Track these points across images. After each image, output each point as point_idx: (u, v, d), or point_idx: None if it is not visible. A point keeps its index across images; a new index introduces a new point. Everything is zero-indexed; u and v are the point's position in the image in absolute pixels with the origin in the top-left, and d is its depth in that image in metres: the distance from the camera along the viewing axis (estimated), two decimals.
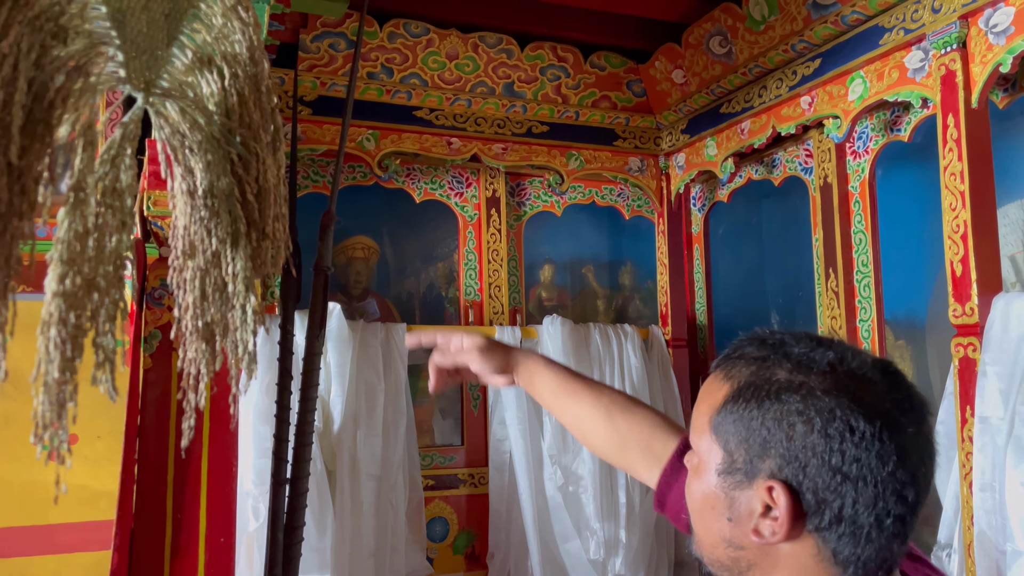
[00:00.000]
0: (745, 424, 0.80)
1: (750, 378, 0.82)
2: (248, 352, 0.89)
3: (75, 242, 0.72)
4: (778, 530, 0.78)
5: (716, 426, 0.83)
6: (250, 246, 0.90)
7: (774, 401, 0.79)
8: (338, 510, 3.01)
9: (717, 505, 0.83)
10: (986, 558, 2.17)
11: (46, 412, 0.70)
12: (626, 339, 3.66)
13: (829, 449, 0.76)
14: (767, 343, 0.84)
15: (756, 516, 0.79)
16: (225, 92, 0.90)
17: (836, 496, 0.76)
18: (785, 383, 0.79)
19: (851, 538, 0.77)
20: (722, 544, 0.83)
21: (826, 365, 0.79)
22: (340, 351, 3.15)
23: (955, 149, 2.31)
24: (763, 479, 0.79)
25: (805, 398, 0.77)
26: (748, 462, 0.80)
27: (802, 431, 0.77)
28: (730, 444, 0.81)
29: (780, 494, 0.77)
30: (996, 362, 2.17)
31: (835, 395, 0.77)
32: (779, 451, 0.78)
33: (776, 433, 0.78)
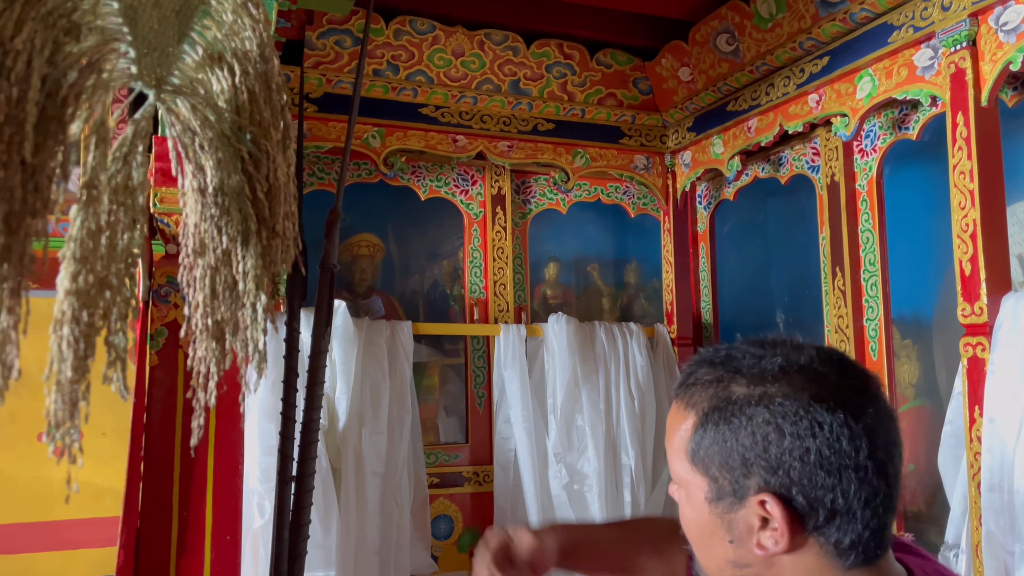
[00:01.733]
0: (720, 447, 0.82)
1: (711, 402, 0.84)
2: (259, 351, 0.89)
3: (88, 240, 0.72)
4: (780, 540, 0.80)
5: (692, 456, 0.85)
6: (260, 244, 0.90)
7: (740, 417, 0.81)
8: (343, 508, 3.01)
9: (716, 531, 0.84)
10: (994, 559, 2.16)
11: (59, 411, 0.70)
12: (631, 338, 3.65)
13: (804, 449, 0.78)
14: (715, 363, 0.86)
15: (756, 531, 0.81)
16: (236, 89, 0.89)
17: (824, 491, 0.78)
18: (745, 398, 0.82)
19: (848, 526, 0.79)
20: (728, 566, 0.85)
21: (777, 370, 0.82)
22: (345, 349, 3.14)
23: (964, 148, 2.30)
24: (753, 495, 0.81)
25: (768, 407, 0.80)
26: (734, 483, 0.82)
27: (775, 439, 0.79)
28: (712, 471, 0.83)
29: (773, 505, 0.79)
30: (1005, 362, 2.15)
31: (794, 397, 0.79)
32: (760, 464, 0.80)
33: (752, 448, 0.80)
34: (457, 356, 3.74)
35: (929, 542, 2.72)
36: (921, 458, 2.87)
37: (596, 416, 3.48)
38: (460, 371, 3.72)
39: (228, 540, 2.11)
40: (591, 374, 3.52)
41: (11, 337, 0.66)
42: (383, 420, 3.19)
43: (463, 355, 3.72)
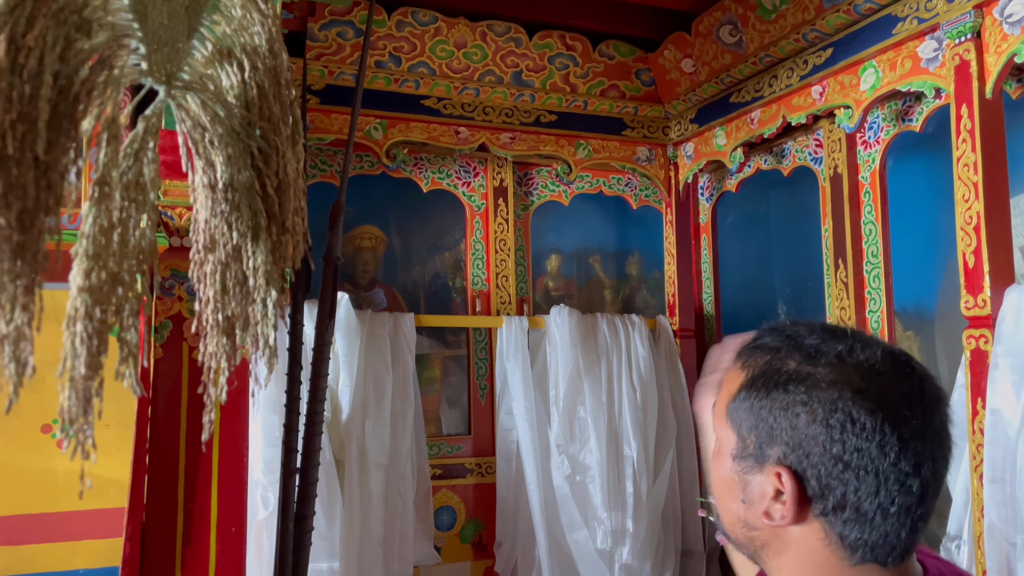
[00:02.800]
0: (755, 412, 0.84)
1: (763, 368, 0.86)
2: (269, 346, 0.89)
3: (100, 236, 0.72)
4: (786, 513, 0.81)
5: (731, 413, 0.87)
6: (270, 240, 0.90)
7: (781, 391, 0.82)
8: (347, 500, 3.02)
9: (733, 488, 0.87)
10: (996, 550, 2.17)
11: (72, 407, 0.70)
12: (633, 329, 3.65)
13: (830, 439, 0.79)
14: (783, 334, 0.88)
15: (767, 499, 0.83)
16: (245, 85, 0.89)
17: (839, 483, 0.79)
18: (793, 373, 0.83)
19: (856, 523, 0.79)
20: (738, 524, 0.88)
21: (834, 357, 0.82)
22: (348, 341, 3.15)
23: (968, 140, 2.30)
24: (772, 464, 0.82)
25: (810, 389, 0.81)
26: (758, 448, 0.84)
27: (805, 420, 0.80)
28: (742, 430, 0.86)
29: (786, 479, 0.80)
30: (1008, 354, 2.16)
31: (839, 386, 0.80)
32: (784, 439, 0.81)
33: (781, 421, 0.82)
34: (459, 348, 3.74)
35: (931, 534, 2.73)
36: None
37: (598, 407, 3.48)
38: (462, 363, 3.73)
39: (233, 532, 2.11)
40: (593, 366, 3.53)
41: (25, 334, 0.67)
42: (386, 412, 3.20)
43: (465, 347, 3.73)
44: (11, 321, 0.65)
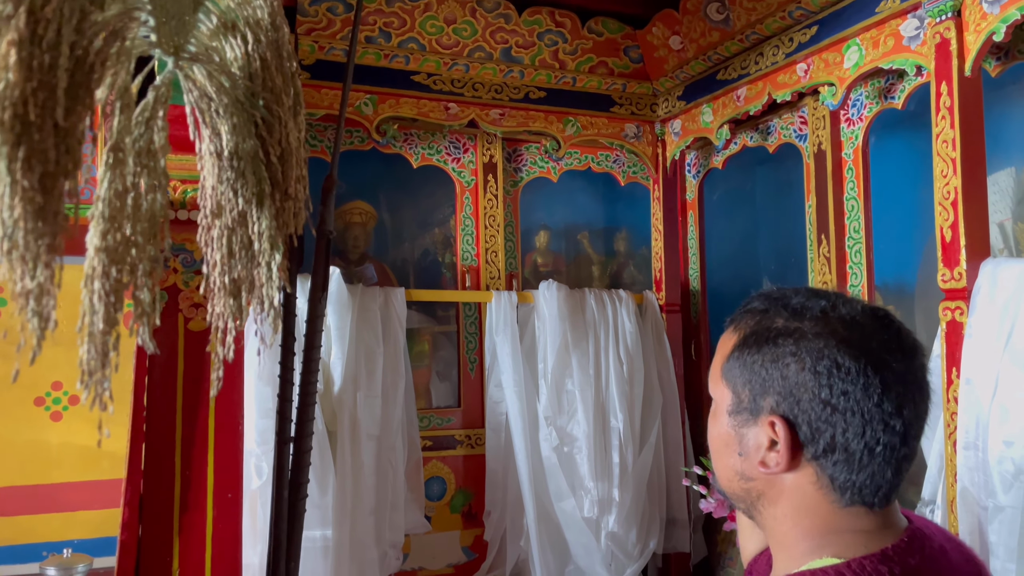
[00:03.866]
0: (748, 367, 0.90)
1: (754, 327, 0.93)
2: (274, 307, 0.94)
3: (115, 200, 0.76)
4: (780, 460, 0.87)
5: (726, 372, 0.94)
6: (274, 206, 0.94)
7: (772, 345, 0.89)
8: (339, 469, 3.07)
9: (730, 443, 0.93)
10: (968, 513, 2.25)
11: (91, 360, 0.74)
12: (620, 304, 3.71)
13: (818, 384, 0.85)
14: (771, 297, 0.95)
15: (762, 450, 0.89)
16: (248, 57, 0.93)
17: (827, 426, 0.85)
18: (782, 329, 0.89)
19: (845, 464, 0.86)
20: (736, 477, 0.94)
21: (819, 312, 0.89)
22: (340, 315, 3.19)
23: (948, 117, 2.35)
24: (765, 415, 0.88)
25: (797, 341, 0.87)
26: (752, 401, 0.90)
27: (795, 370, 0.86)
28: (737, 386, 0.92)
29: (780, 427, 0.87)
30: (982, 325, 2.23)
31: (824, 337, 0.86)
32: (776, 389, 0.88)
33: (773, 373, 0.88)
34: (449, 323, 3.79)
35: (907, 500, 2.82)
36: None
37: (586, 380, 3.55)
38: (452, 337, 3.78)
39: (230, 498, 2.17)
40: (581, 340, 3.59)
41: (48, 289, 0.71)
42: (377, 384, 3.25)
43: (455, 322, 3.78)
44: (35, 277, 0.69)
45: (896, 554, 0.85)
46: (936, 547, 0.90)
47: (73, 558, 2.85)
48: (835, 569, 0.84)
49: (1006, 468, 2.15)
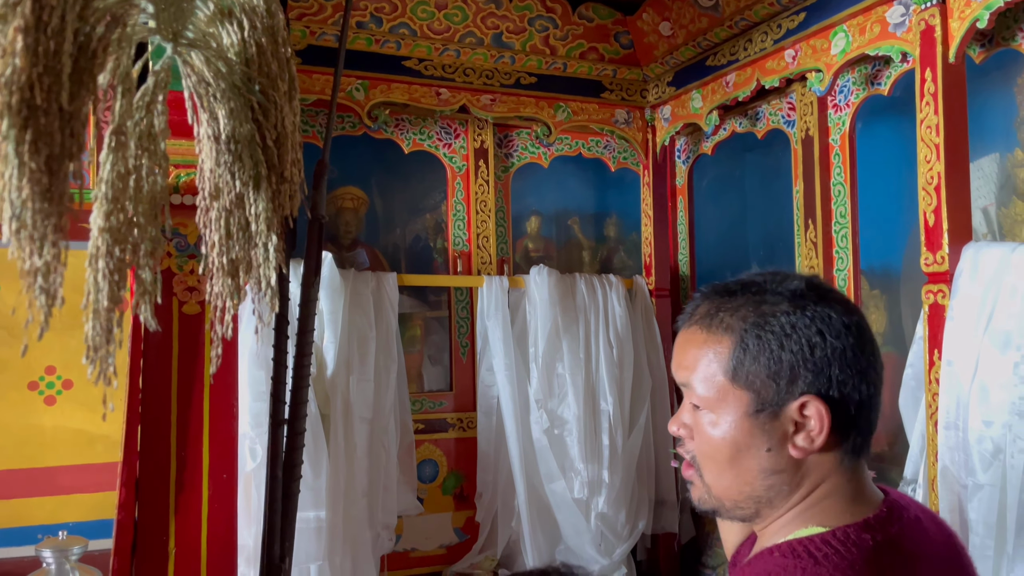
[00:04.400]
0: (767, 358, 0.90)
1: (750, 320, 0.91)
2: (271, 287, 0.97)
3: (118, 182, 0.79)
4: (816, 438, 0.89)
5: (734, 374, 0.91)
6: (270, 188, 0.97)
7: (785, 327, 0.89)
8: (332, 452, 3.11)
9: (753, 444, 0.91)
10: (948, 492, 2.30)
11: (96, 336, 0.77)
12: (611, 289, 3.75)
13: (841, 348, 0.88)
14: (735, 292, 0.94)
15: (790, 436, 0.90)
16: (245, 43, 0.95)
17: (852, 389, 0.89)
18: (785, 311, 0.90)
19: (863, 421, 0.91)
20: (759, 477, 0.92)
21: (803, 286, 0.92)
22: (332, 299, 3.22)
23: (932, 103, 2.39)
24: (795, 401, 0.89)
25: (806, 314, 0.89)
26: (778, 391, 0.89)
27: (819, 342, 0.88)
28: (759, 384, 0.90)
29: (817, 405, 0.88)
30: (963, 308, 2.27)
31: (823, 304, 0.90)
32: (807, 367, 0.88)
33: (800, 353, 0.89)
34: (441, 307, 3.82)
35: (890, 480, 2.88)
36: (887, 402, 3.00)
37: (576, 364, 3.59)
38: (444, 322, 3.81)
39: (225, 478, 2.20)
40: (571, 324, 3.63)
41: (55, 267, 0.74)
42: (370, 368, 3.28)
43: (447, 307, 3.81)
44: (42, 256, 0.72)
45: (877, 523, 0.89)
46: (912, 517, 0.93)
47: (68, 540, 2.87)
48: (821, 537, 0.87)
49: (985, 447, 2.20)
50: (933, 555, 0.93)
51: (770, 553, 0.90)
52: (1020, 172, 2.57)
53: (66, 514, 3.56)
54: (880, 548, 0.86)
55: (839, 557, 0.84)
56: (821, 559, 0.85)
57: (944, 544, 0.96)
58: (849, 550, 0.85)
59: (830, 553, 0.85)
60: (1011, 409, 2.15)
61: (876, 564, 0.85)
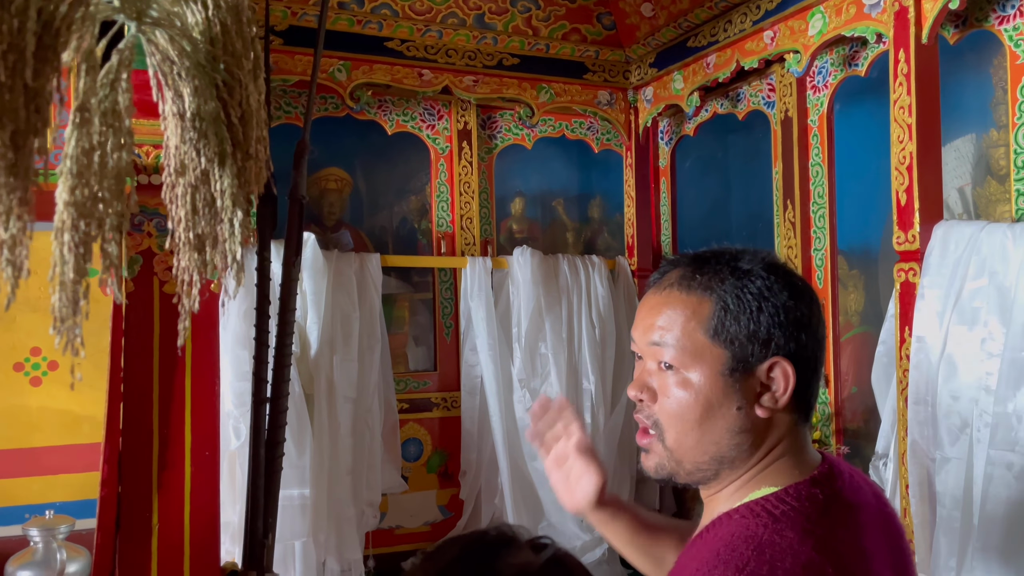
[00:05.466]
0: (748, 318, 0.94)
1: (730, 282, 0.96)
2: (236, 261, 0.99)
3: (82, 157, 0.81)
4: (781, 398, 0.94)
5: (715, 332, 0.95)
6: (236, 165, 0.99)
7: (763, 291, 0.94)
8: (316, 430, 3.14)
9: (725, 402, 0.95)
10: (918, 465, 2.36)
11: (63, 308, 0.80)
12: (593, 269, 3.78)
13: (807, 314, 0.95)
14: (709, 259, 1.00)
15: (757, 395, 0.95)
16: (209, 22, 0.97)
17: (812, 354, 0.95)
18: (764, 277, 0.95)
19: (815, 384, 0.98)
20: (727, 436, 0.95)
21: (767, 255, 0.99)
22: (315, 280, 3.24)
23: (905, 83, 2.42)
24: (766, 361, 0.94)
25: (780, 282, 0.95)
26: (752, 353, 0.94)
27: (792, 306, 0.94)
28: (736, 344, 0.94)
29: (785, 366, 0.94)
30: (933, 285, 2.32)
31: (791, 274, 0.97)
32: (782, 331, 0.94)
33: (776, 316, 0.94)
34: (426, 289, 3.85)
35: (864, 456, 2.93)
36: (864, 381, 3.06)
37: (559, 344, 3.63)
38: (428, 303, 3.84)
39: (207, 456, 2.23)
40: (554, 304, 3.66)
41: (21, 240, 0.76)
42: (354, 348, 3.31)
43: (431, 288, 3.83)
44: (8, 229, 0.75)
45: (823, 478, 0.95)
46: (846, 474, 1.00)
47: (55, 520, 2.90)
48: (775, 495, 0.92)
49: (953, 421, 2.26)
50: (867, 504, 0.99)
51: (728, 517, 0.94)
52: (995, 152, 2.60)
53: (53, 494, 3.58)
54: (829, 500, 0.92)
55: (795, 512, 0.90)
56: (779, 515, 0.90)
57: (873, 496, 1.02)
58: (803, 504, 0.90)
59: (787, 509, 0.90)
60: (978, 384, 2.20)
61: (828, 515, 0.91)
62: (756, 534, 0.87)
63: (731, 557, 0.85)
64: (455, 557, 0.80)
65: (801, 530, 0.87)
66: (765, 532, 0.87)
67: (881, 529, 0.98)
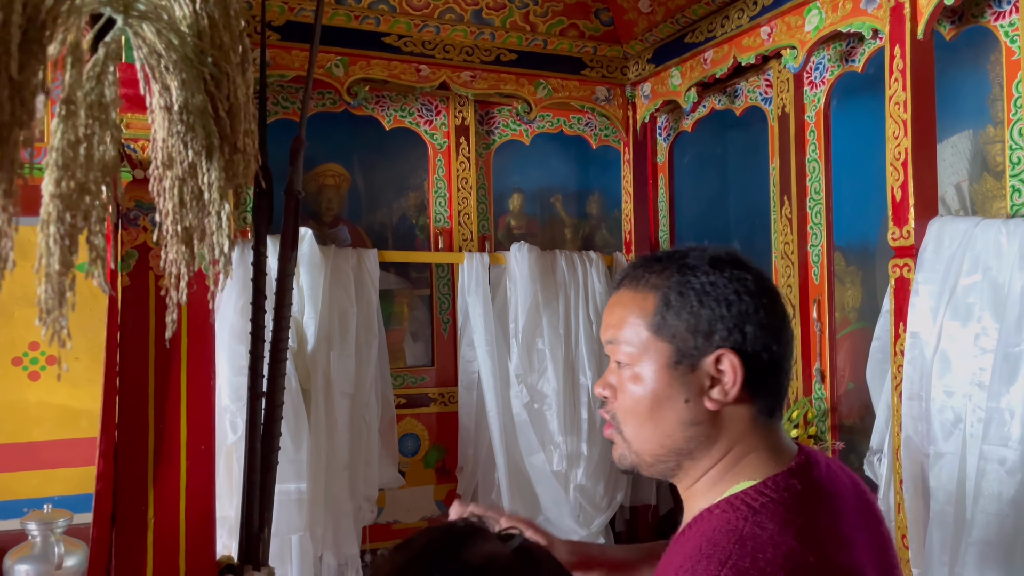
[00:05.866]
0: (689, 313, 0.96)
1: (674, 279, 0.98)
2: (224, 254, 1.00)
3: (68, 150, 0.82)
4: (730, 390, 0.95)
5: (658, 327, 0.97)
6: (223, 158, 1.00)
7: (705, 286, 0.96)
8: (313, 425, 3.15)
9: (672, 395, 0.97)
10: (911, 461, 2.36)
11: (49, 299, 0.80)
12: (591, 265, 3.79)
13: (755, 308, 0.95)
14: (661, 259, 1.02)
15: (706, 389, 0.96)
16: (196, 15, 0.98)
17: (764, 349, 0.95)
18: (705, 272, 0.97)
19: (775, 380, 0.97)
20: (678, 429, 0.98)
21: (722, 253, 0.99)
22: (312, 275, 3.24)
23: (900, 79, 2.42)
24: (711, 355, 0.95)
25: (725, 275, 0.96)
26: (696, 347, 0.96)
27: (735, 300, 0.95)
28: (677, 338, 0.96)
29: (731, 358, 0.94)
30: (928, 281, 2.32)
31: (741, 269, 0.97)
32: (723, 323, 0.95)
33: (717, 309, 0.95)
34: (423, 284, 3.86)
35: (860, 452, 2.94)
36: (861, 377, 3.07)
37: (556, 339, 3.64)
38: (426, 299, 3.85)
39: (203, 450, 2.24)
40: (551, 300, 3.67)
41: (5, 231, 0.77)
42: (351, 343, 3.32)
43: (429, 284, 3.84)
44: None
45: (800, 469, 0.96)
46: (824, 463, 1.00)
47: (53, 514, 2.92)
48: (754, 488, 0.93)
49: (946, 416, 2.26)
50: (846, 494, 1.00)
51: (709, 513, 0.95)
52: (991, 148, 2.60)
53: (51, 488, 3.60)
54: (807, 490, 0.93)
55: (774, 503, 0.91)
56: (759, 508, 0.91)
57: (851, 484, 1.04)
58: (782, 495, 0.91)
59: (766, 501, 0.91)
60: (971, 380, 2.20)
61: (807, 504, 0.92)
62: (737, 527, 0.88)
63: (713, 552, 0.86)
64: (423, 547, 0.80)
65: (781, 520, 0.88)
66: (746, 525, 0.88)
67: (860, 516, 0.99)
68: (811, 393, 3.19)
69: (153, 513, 2.16)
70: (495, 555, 0.80)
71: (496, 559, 0.80)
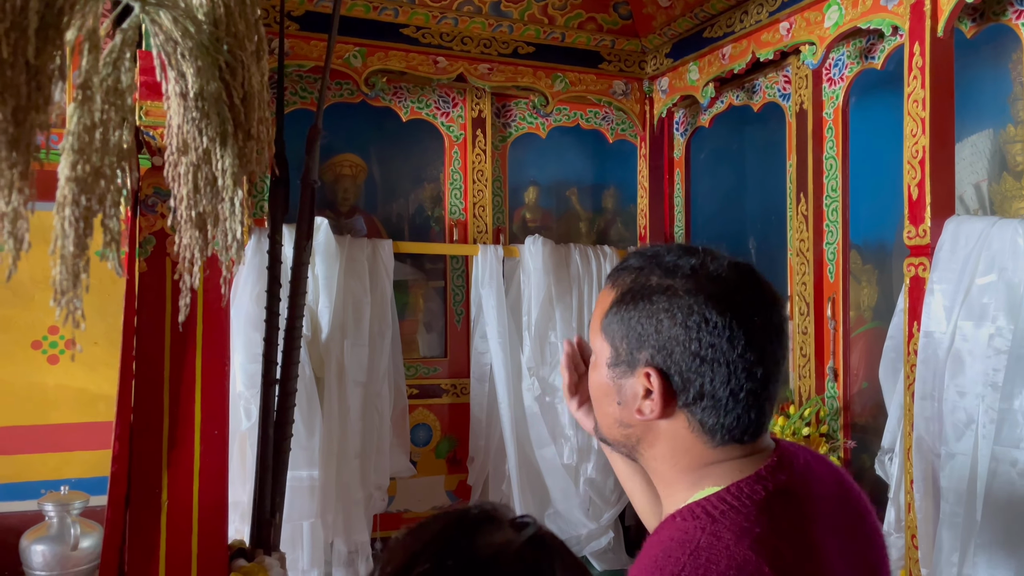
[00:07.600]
0: (626, 323, 0.95)
1: (631, 285, 0.97)
2: (236, 240, 1.01)
3: (84, 134, 0.83)
4: (655, 408, 0.93)
5: (605, 327, 0.98)
6: (237, 145, 1.01)
7: (647, 302, 0.94)
8: (326, 413, 3.18)
9: (609, 393, 0.98)
10: (923, 460, 2.35)
11: (63, 280, 0.82)
12: (605, 260, 3.79)
13: (689, 338, 0.91)
14: (646, 255, 0.99)
15: (639, 399, 0.94)
16: (213, 3, 0.99)
17: (697, 376, 0.91)
18: (656, 286, 0.94)
19: (712, 410, 0.92)
20: (615, 424, 1.00)
21: (688, 269, 0.94)
22: (327, 264, 3.27)
23: (919, 77, 2.40)
24: (641, 367, 0.94)
25: (670, 298, 0.92)
26: (629, 354, 0.95)
27: (668, 325, 0.92)
28: (615, 340, 0.96)
29: (655, 378, 0.92)
30: (943, 280, 2.30)
31: (694, 294, 0.91)
32: (651, 343, 0.93)
33: (648, 328, 0.93)
34: (437, 276, 3.87)
35: (872, 451, 2.93)
36: (875, 377, 3.05)
37: (568, 333, 3.64)
38: (440, 290, 3.87)
39: (216, 434, 2.26)
40: (565, 294, 3.67)
41: (22, 213, 0.78)
42: (364, 333, 3.34)
43: (443, 275, 3.86)
44: (9, 202, 0.77)
45: (768, 473, 0.93)
46: (802, 463, 0.98)
47: (70, 495, 2.96)
48: (717, 496, 0.92)
49: (958, 417, 2.25)
50: (825, 494, 0.98)
51: (672, 519, 0.95)
52: (1011, 148, 2.58)
53: (68, 470, 3.65)
54: (772, 497, 0.91)
55: (735, 512, 0.90)
56: (718, 516, 0.90)
57: (834, 483, 1.02)
58: (743, 503, 0.90)
59: (726, 509, 0.90)
60: (984, 380, 2.19)
61: (769, 512, 0.90)
62: (693, 537, 0.88)
63: (666, 563, 0.87)
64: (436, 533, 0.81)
65: (739, 530, 0.87)
66: (703, 535, 0.88)
67: (838, 517, 0.97)
68: (824, 391, 3.18)
69: (167, 496, 2.19)
70: (508, 543, 0.81)
71: (508, 547, 0.80)
